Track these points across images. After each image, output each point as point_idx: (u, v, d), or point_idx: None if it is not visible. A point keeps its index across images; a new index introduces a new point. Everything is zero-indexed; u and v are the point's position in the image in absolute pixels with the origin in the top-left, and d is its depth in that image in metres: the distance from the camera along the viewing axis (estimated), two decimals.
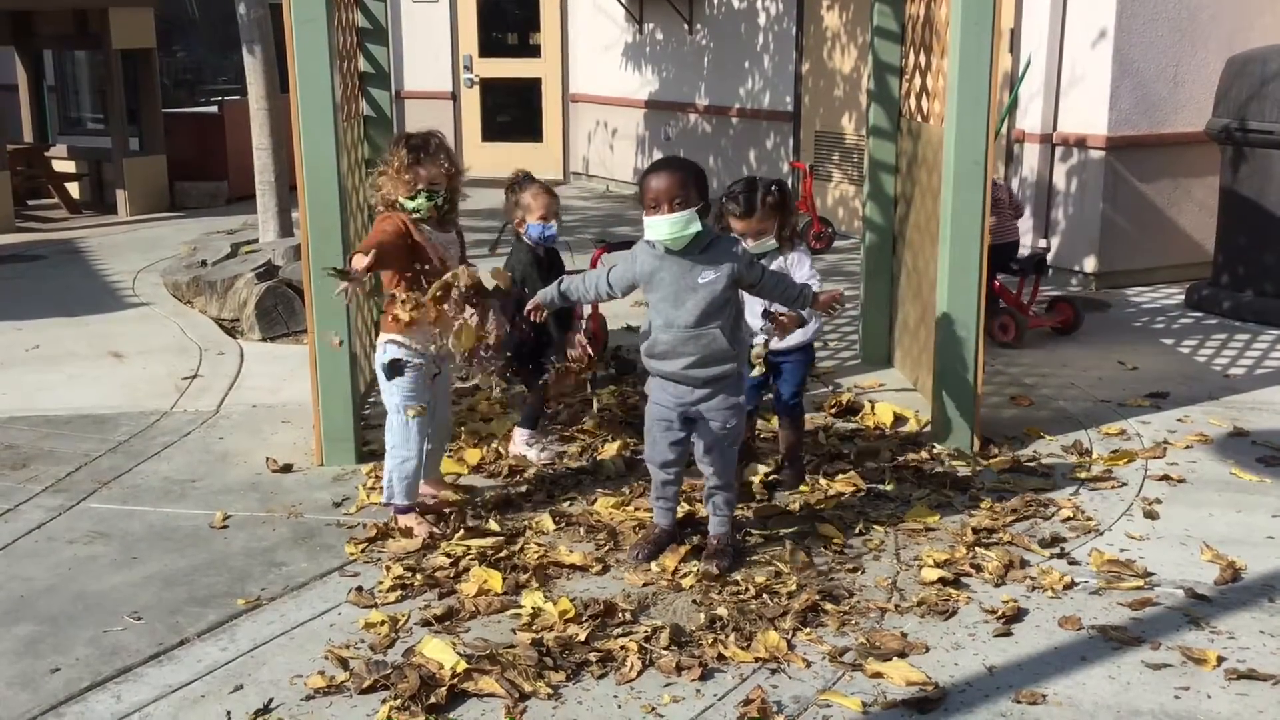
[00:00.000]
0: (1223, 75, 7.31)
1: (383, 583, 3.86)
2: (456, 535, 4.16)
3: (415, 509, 4.28)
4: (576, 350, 4.77)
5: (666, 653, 3.38)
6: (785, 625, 3.54)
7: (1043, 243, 8.17)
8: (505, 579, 3.83)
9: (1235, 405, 5.57)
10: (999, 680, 3.29)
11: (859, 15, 9.36)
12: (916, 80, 5.71)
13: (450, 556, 4.01)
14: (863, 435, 5.18)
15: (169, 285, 8.04)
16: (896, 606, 3.69)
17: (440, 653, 3.36)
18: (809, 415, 5.08)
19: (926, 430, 5.14)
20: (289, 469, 4.87)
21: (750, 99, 10.88)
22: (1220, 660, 3.36)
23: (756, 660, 3.37)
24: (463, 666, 3.28)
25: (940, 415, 4.98)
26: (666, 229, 3.75)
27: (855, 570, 3.94)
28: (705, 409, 3.88)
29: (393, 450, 4.26)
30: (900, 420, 5.29)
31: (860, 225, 6.67)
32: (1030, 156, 8.19)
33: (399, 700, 3.15)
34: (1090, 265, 7.92)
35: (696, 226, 3.73)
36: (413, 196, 4.12)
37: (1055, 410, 5.52)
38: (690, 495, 4.41)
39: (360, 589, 3.82)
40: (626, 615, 3.61)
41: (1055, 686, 3.26)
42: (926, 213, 5.40)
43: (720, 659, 3.38)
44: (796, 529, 4.23)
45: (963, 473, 4.74)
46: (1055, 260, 8.15)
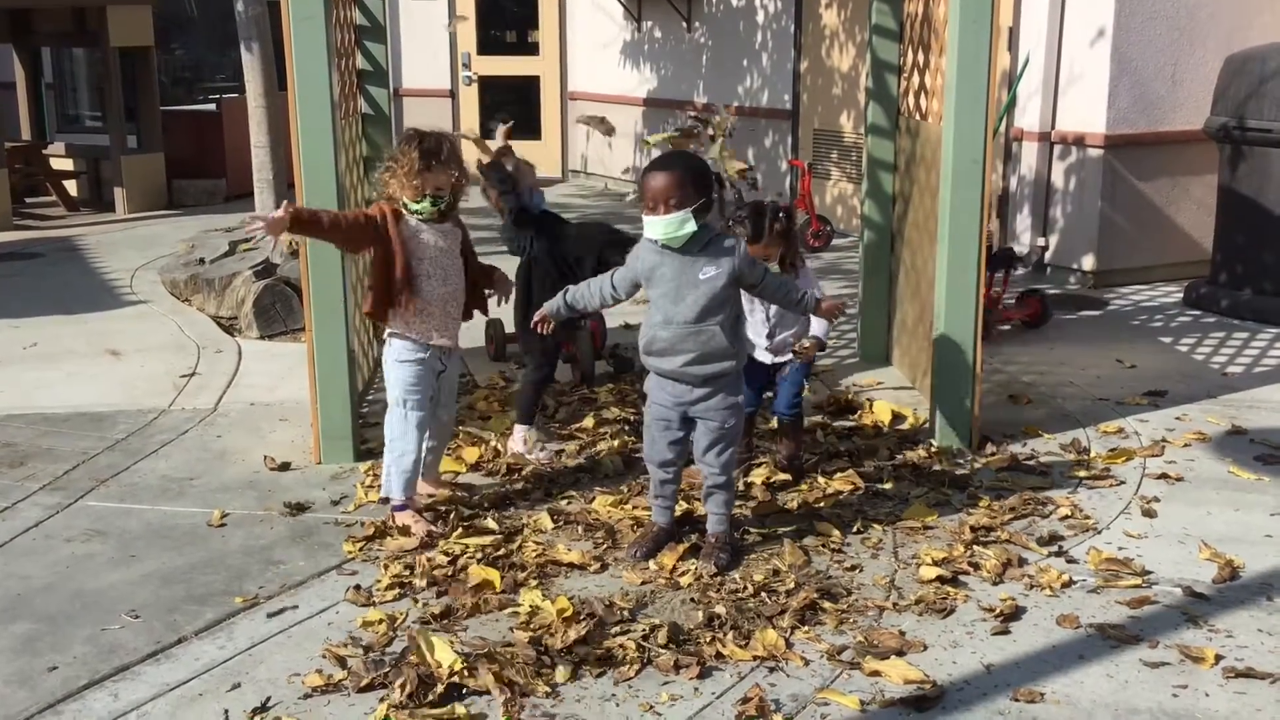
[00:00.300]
0: (1221, 74, 7.31)
1: (381, 581, 3.86)
2: (454, 534, 4.16)
3: (412, 506, 4.27)
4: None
5: (665, 651, 3.38)
6: (783, 623, 3.54)
7: (1041, 241, 8.18)
8: (503, 577, 3.83)
9: (1233, 403, 5.57)
10: (997, 678, 3.29)
11: (857, 13, 9.35)
12: (915, 78, 5.71)
13: (448, 555, 4.01)
14: (861, 433, 5.18)
15: (167, 283, 8.03)
16: (895, 605, 3.69)
17: (438, 651, 3.35)
18: (808, 415, 5.08)
19: (925, 428, 5.14)
20: (287, 467, 4.87)
21: (749, 97, 10.88)
22: (1218, 659, 3.36)
23: (754, 658, 3.37)
24: (461, 665, 3.28)
25: (938, 413, 4.98)
26: (662, 229, 3.75)
27: (853, 568, 3.93)
28: (704, 408, 3.88)
29: (391, 444, 4.26)
30: (898, 418, 5.29)
31: (859, 223, 6.67)
32: (1029, 155, 8.19)
33: (397, 698, 3.15)
34: (1089, 263, 7.93)
35: (692, 226, 3.73)
36: (417, 200, 4.12)
37: (1053, 408, 5.52)
38: (689, 493, 4.42)
39: (358, 587, 3.82)
40: (625, 613, 3.61)
41: (1053, 685, 3.25)
42: (925, 211, 5.40)
43: (718, 657, 3.38)
44: (795, 527, 4.23)
45: (961, 471, 4.74)
46: (1054, 258, 8.16)
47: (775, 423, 4.86)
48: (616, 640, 3.44)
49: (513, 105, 13.34)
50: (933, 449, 4.95)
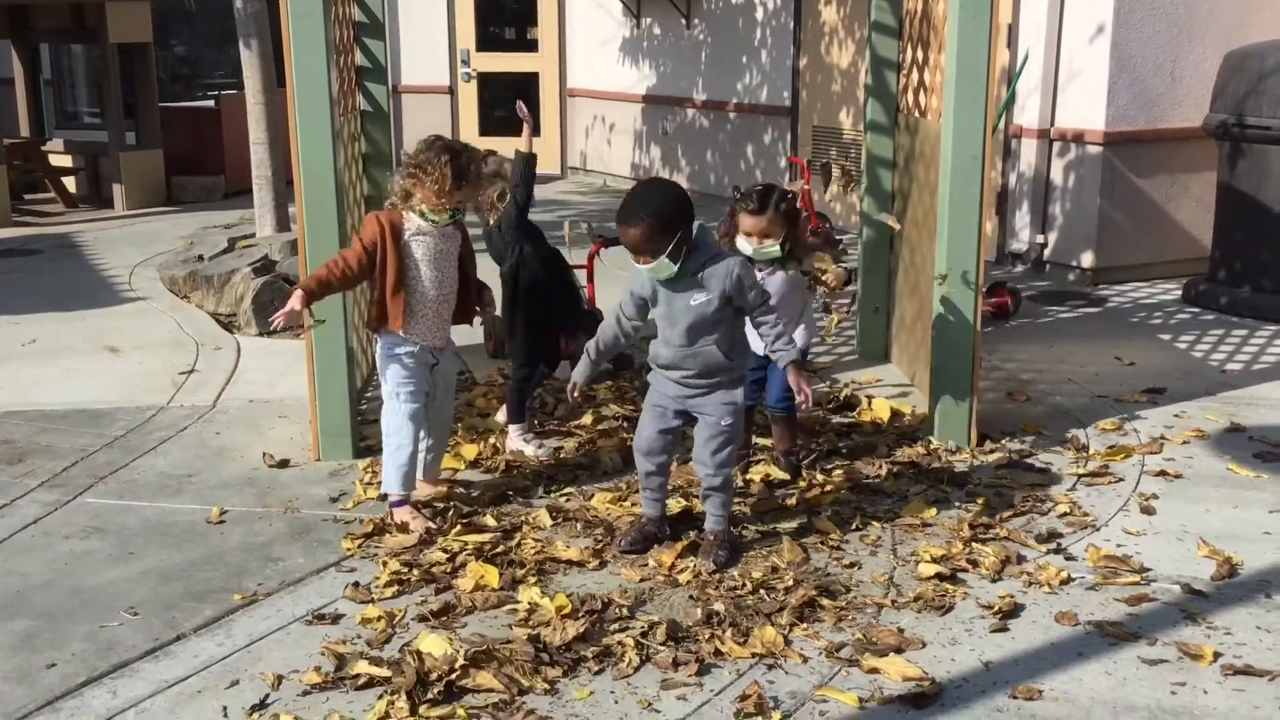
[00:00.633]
0: (1220, 70, 7.31)
1: (379, 578, 3.86)
2: (453, 530, 4.16)
3: (410, 501, 4.27)
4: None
5: (663, 648, 3.38)
6: (782, 621, 3.54)
7: (1040, 238, 8.18)
8: (502, 574, 3.83)
9: (1232, 401, 5.57)
10: (995, 676, 3.29)
11: (857, 10, 9.34)
12: (914, 75, 5.70)
13: (447, 552, 4.01)
14: (860, 431, 5.18)
15: (166, 280, 8.02)
16: (893, 602, 3.69)
17: (437, 648, 3.35)
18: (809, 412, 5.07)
19: (923, 425, 5.13)
20: (286, 464, 4.87)
21: (748, 94, 10.87)
22: (1217, 656, 3.36)
23: (753, 656, 3.37)
24: (460, 662, 3.28)
25: (937, 410, 4.98)
26: (645, 274, 3.83)
27: (852, 566, 3.94)
28: (703, 404, 3.89)
29: (388, 439, 4.26)
30: (897, 416, 5.29)
31: (858, 220, 6.67)
32: (1028, 152, 8.19)
33: (395, 695, 3.15)
34: (1087, 261, 7.92)
35: (671, 268, 3.75)
36: (439, 212, 4.15)
37: (1052, 406, 5.52)
38: (689, 490, 4.42)
39: (357, 584, 3.82)
40: (623, 611, 3.61)
41: (1052, 682, 3.26)
42: (924, 208, 5.40)
43: (717, 654, 3.38)
44: (793, 525, 4.23)
45: (960, 468, 4.74)
46: (1053, 256, 8.15)
47: (769, 415, 4.87)
48: (615, 637, 3.44)
49: (511, 101, 13.29)
50: (931, 446, 4.95)
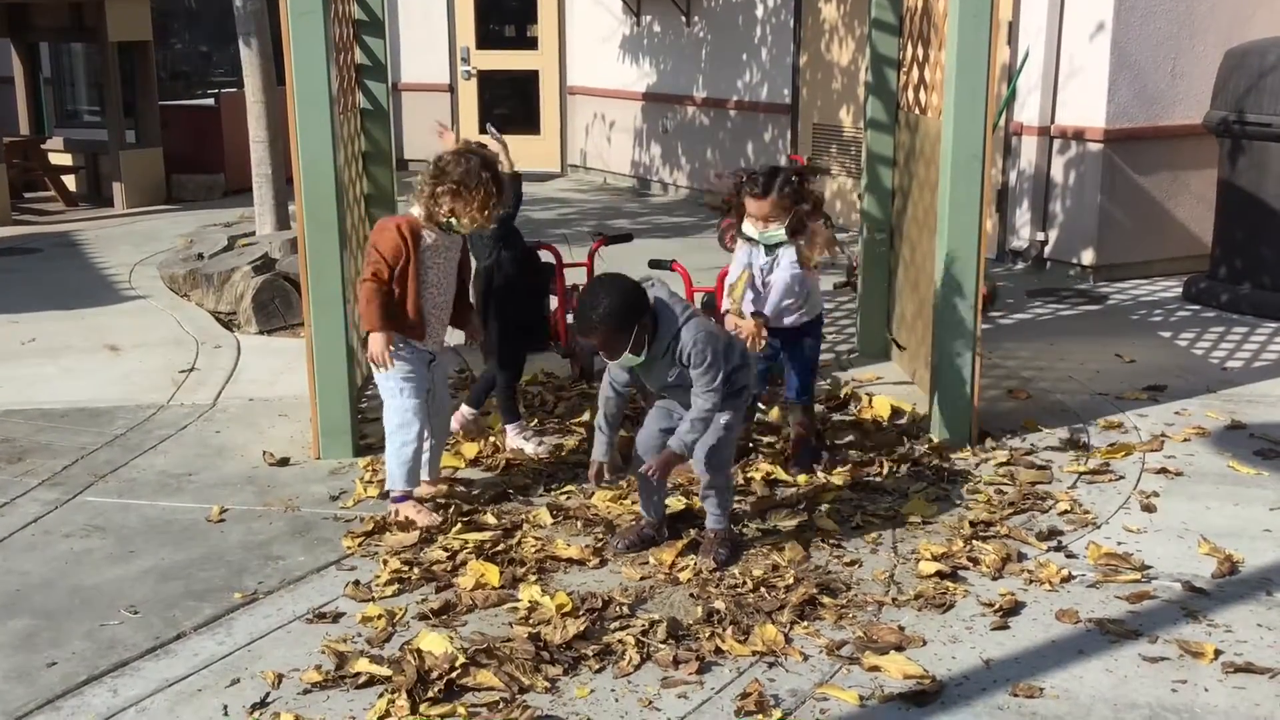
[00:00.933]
0: (1221, 68, 7.30)
1: (380, 576, 3.86)
2: (454, 529, 4.16)
3: (413, 496, 4.27)
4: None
5: (664, 646, 3.38)
6: (783, 619, 3.54)
7: (1040, 235, 8.17)
8: (502, 573, 3.83)
9: (1233, 398, 5.57)
10: (996, 673, 3.29)
11: (857, 7, 9.33)
12: (914, 73, 5.70)
13: (447, 550, 4.00)
14: (860, 428, 5.17)
15: (166, 278, 8.02)
16: (894, 600, 3.69)
17: (437, 646, 3.35)
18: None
19: (924, 423, 5.13)
20: (286, 462, 4.87)
21: (748, 91, 10.87)
22: (1217, 653, 3.36)
23: (754, 654, 3.37)
24: (461, 660, 3.28)
25: (938, 408, 4.98)
26: (616, 367, 3.89)
27: (853, 564, 3.93)
28: None
29: (391, 436, 4.27)
30: (898, 413, 5.29)
31: (858, 218, 6.66)
32: (1028, 149, 8.18)
33: (396, 694, 3.15)
34: (1088, 258, 7.92)
35: (637, 360, 3.79)
36: (471, 224, 4.17)
37: (1052, 403, 5.52)
38: (689, 488, 4.41)
39: (357, 583, 3.82)
40: (624, 609, 3.60)
41: (1052, 680, 3.26)
42: (924, 206, 5.39)
43: (718, 652, 3.38)
44: (794, 523, 4.22)
45: (960, 466, 4.74)
46: (1053, 253, 8.15)
47: (787, 410, 4.86)
48: (616, 636, 3.44)
49: (512, 100, 13.33)
50: (932, 444, 4.94)
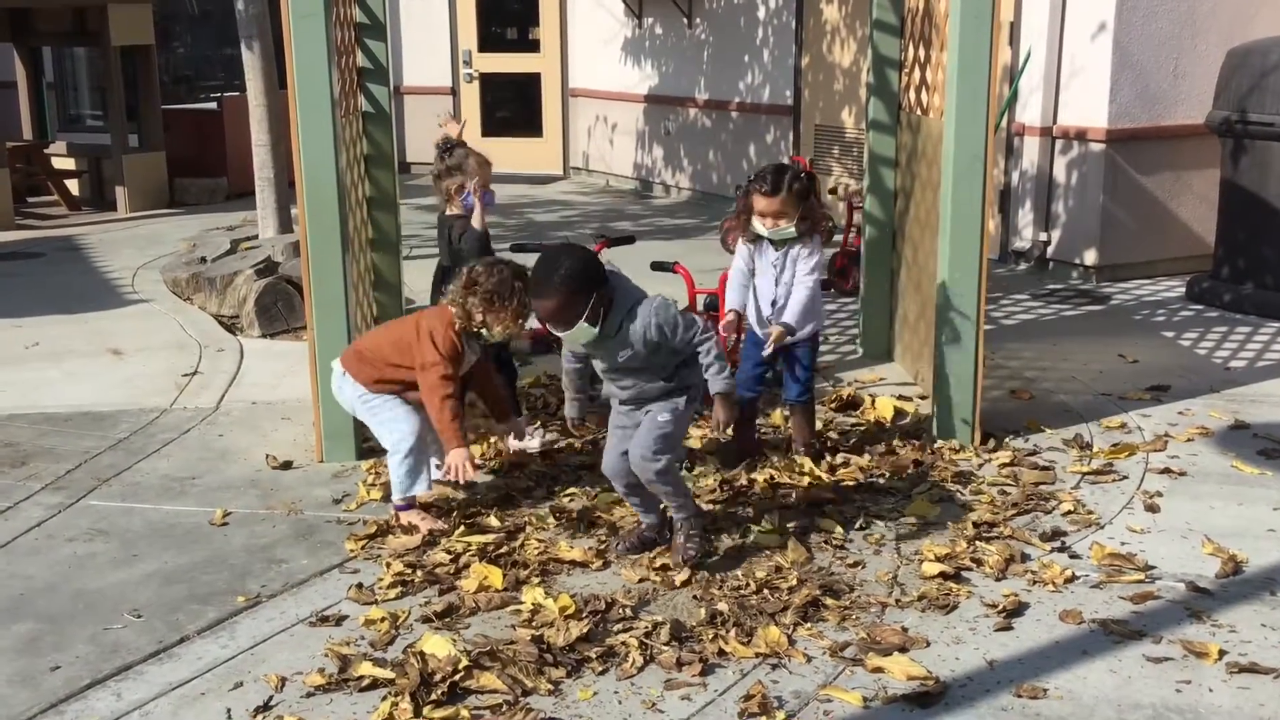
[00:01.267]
0: (1223, 67, 7.29)
1: (383, 579, 3.86)
2: (457, 532, 4.16)
3: (415, 504, 4.28)
4: None
5: (667, 648, 3.38)
6: (786, 620, 3.53)
7: (1043, 236, 8.17)
8: (505, 575, 3.83)
9: (1236, 398, 5.56)
10: (1000, 674, 3.29)
11: (858, 9, 9.33)
12: (916, 74, 5.70)
13: (450, 553, 4.00)
14: (863, 429, 5.17)
15: (168, 282, 8.03)
16: (897, 601, 3.69)
17: (440, 649, 3.35)
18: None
19: (927, 424, 5.13)
20: (289, 466, 4.87)
21: (750, 93, 10.87)
22: (1221, 654, 3.36)
23: (757, 655, 3.37)
24: (464, 663, 3.28)
25: (941, 409, 4.98)
26: (568, 341, 3.81)
27: (856, 565, 3.93)
28: (649, 409, 3.86)
29: (391, 451, 4.28)
30: (901, 414, 5.28)
31: (860, 219, 6.66)
32: (1030, 150, 8.18)
33: (399, 696, 3.15)
34: (1091, 258, 7.92)
35: (592, 332, 3.68)
36: (504, 333, 4.21)
37: (1056, 404, 5.52)
38: (693, 491, 4.41)
39: (360, 586, 3.82)
40: (627, 611, 3.60)
41: (1056, 680, 3.25)
42: (926, 206, 5.39)
43: (721, 654, 3.37)
44: (797, 523, 4.22)
45: (963, 466, 4.74)
46: (1056, 253, 8.14)
47: (787, 410, 4.86)
48: (619, 638, 3.44)
49: (514, 103, 13.34)
50: (935, 444, 4.94)
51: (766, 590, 3.72)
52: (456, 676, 3.23)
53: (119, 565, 4.02)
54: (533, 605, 3.62)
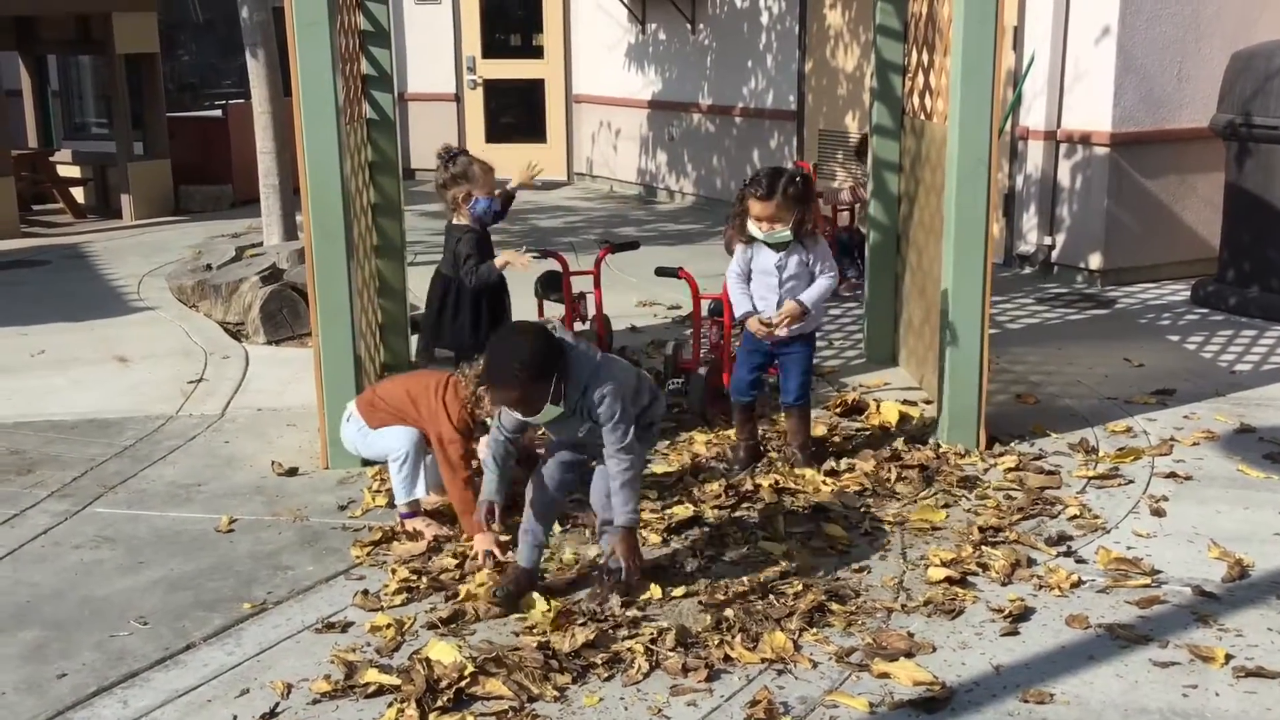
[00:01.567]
0: (1227, 71, 7.29)
1: (388, 586, 3.86)
2: (463, 537, 4.16)
3: (420, 511, 4.28)
4: None
5: (673, 654, 3.38)
6: (791, 626, 3.53)
7: (1047, 240, 8.16)
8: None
9: (1242, 402, 5.55)
10: (1006, 679, 3.28)
11: (862, 13, 9.34)
12: (920, 78, 5.70)
13: (456, 559, 4.01)
14: (868, 434, 5.17)
15: (174, 289, 8.04)
16: (903, 606, 3.68)
17: (446, 655, 3.35)
18: (814, 416, 5.07)
19: (932, 429, 5.12)
20: (294, 472, 4.87)
21: (753, 98, 10.87)
22: (1228, 658, 3.35)
23: (763, 661, 3.36)
24: (470, 669, 3.28)
25: (946, 413, 4.97)
26: (509, 417, 3.68)
27: (861, 570, 3.93)
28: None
29: (391, 461, 4.29)
30: (905, 419, 5.28)
31: (864, 224, 6.66)
32: (1034, 154, 8.18)
33: (405, 703, 3.15)
34: (1095, 262, 7.91)
35: (555, 411, 3.58)
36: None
37: (1061, 408, 5.51)
38: (698, 498, 4.40)
39: (366, 592, 3.82)
40: (633, 617, 3.60)
41: (1063, 685, 3.25)
42: (930, 211, 5.39)
43: (727, 660, 3.37)
44: (802, 529, 4.22)
45: (968, 471, 4.73)
46: (1060, 258, 8.14)
47: (783, 414, 4.86)
48: (624, 644, 3.44)
49: (518, 109, 13.36)
50: (940, 449, 4.94)
51: (772, 596, 3.72)
52: (462, 683, 3.23)
53: (125, 572, 4.03)
54: (540, 613, 3.61)
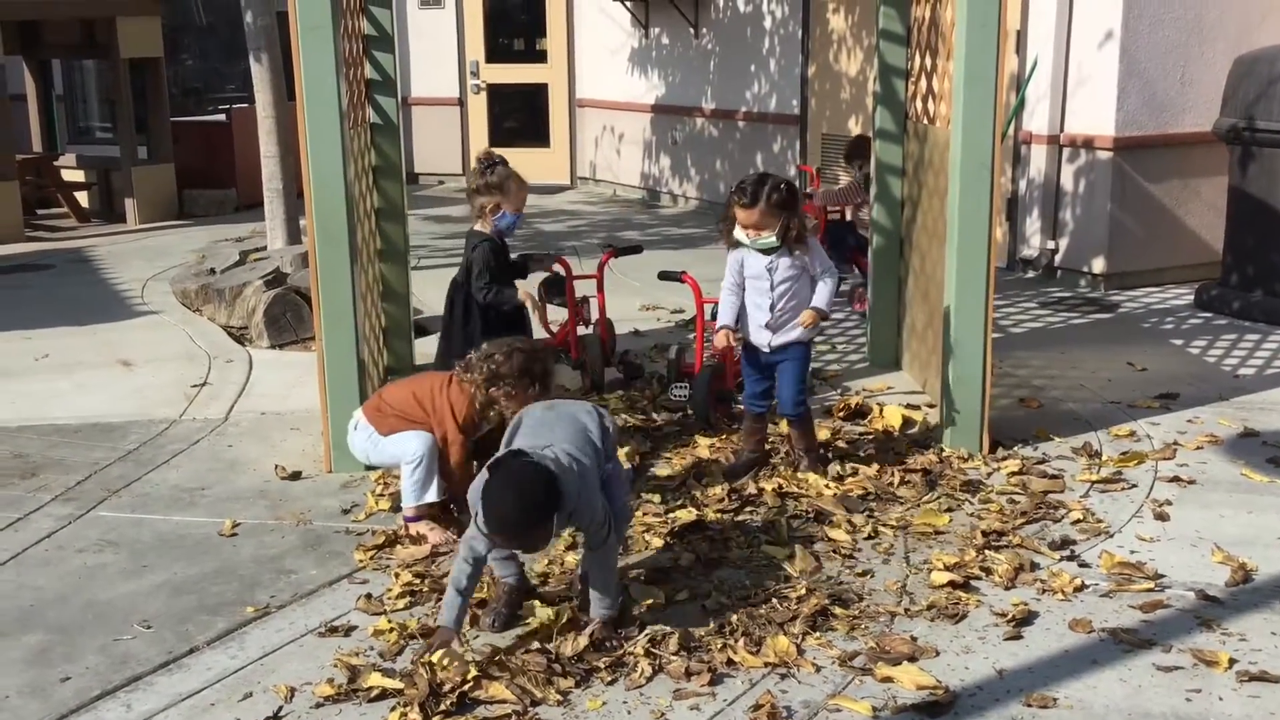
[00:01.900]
0: (1230, 75, 7.29)
1: (392, 590, 3.86)
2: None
3: (425, 515, 4.28)
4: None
5: (676, 658, 3.38)
6: (795, 630, 3.53)
7: (1050, 244, 8.16)
8: None
9: (1245, 406, 5.55)
10: (1009, 684, 3.28)
11: (865, 18, 9.35)
12: (922, 83, 5.70)
13: None
14: (872, 438, 5.17)
15: (178, 293, 8.05)
16: (906, 610, 3.68)
17: (449, 659, 3.35)
18: (818, 420, 5.06)
19: (935, 433, 5.12)
20: (298, 476, 4.88)
21: (756, 102, 10.88)
22: (1232, 662, 3.35)
23: (766, 665, 3.36)
24: (473, 673, 3.28)
25: (949, 418, 4.97)
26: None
27: (864, 574, 3.93)
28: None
29: (404, 458, 4.28)
30: (909, 423, 5.27)
31: (867, 228, 6.66)
32: (1037, 158, 8.18)
33: (408, 707, 3.15)
34: (1099, 266, 7.91)
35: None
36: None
37: (1064, 412, 5.51)
38: (701, 501, 4.40)
39: (369, 596, 3.83)
40: (635, 620, 3.60)
41: (1066, 690, 3.24)
42: (933, 215, 5.39)
43: (730, 664, 3.37)
44: (805, 533, 4.22)
45: (972, 475, 4.73)
46: (1063, 261, 8.14)
47: (784, 425, 4.86)
48: (627, 647, 3.43)
49: (521, 113, 13.37)
50: (943, 453, 4.94)
51: (775, 599, 3.72)
52: (465, 687, 3.23)
53: (129, 576, 4.03)
54: (545, 617, 3.61)
